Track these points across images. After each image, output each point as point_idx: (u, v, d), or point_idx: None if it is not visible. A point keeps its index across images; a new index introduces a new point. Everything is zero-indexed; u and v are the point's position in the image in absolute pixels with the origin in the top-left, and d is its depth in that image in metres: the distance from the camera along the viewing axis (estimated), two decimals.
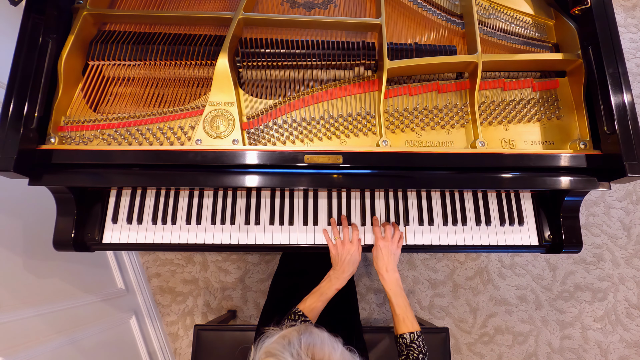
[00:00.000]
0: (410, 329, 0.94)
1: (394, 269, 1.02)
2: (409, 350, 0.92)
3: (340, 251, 1.03)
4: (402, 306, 0.97)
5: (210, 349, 1.23)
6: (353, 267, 1.03)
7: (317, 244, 1.09)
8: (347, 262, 1.02)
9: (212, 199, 1.11)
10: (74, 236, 1.04)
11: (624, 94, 0.95)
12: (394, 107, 1.09)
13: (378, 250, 1.03)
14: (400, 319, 0.95)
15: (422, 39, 1.15)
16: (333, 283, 1.00)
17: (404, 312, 0.96)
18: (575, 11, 1.08)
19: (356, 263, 1.04)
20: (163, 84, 1.09)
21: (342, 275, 1.01)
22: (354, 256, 1.03)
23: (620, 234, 1.90)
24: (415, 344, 0.92)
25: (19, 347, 1.07)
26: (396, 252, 1.04)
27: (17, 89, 0.91)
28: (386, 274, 1.00)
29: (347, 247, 1.03)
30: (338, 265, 1.02)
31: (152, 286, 1.86)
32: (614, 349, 1.83)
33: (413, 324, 0.95)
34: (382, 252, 1.02)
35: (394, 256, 1.03)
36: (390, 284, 1.00)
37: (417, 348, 0.91)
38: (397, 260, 1.03)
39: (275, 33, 1.12)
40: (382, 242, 1.03)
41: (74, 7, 1.06)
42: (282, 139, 1.04)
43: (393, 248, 1.03)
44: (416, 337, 0.93)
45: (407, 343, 0.92)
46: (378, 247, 1.03)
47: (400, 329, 0.95)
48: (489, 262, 1.90)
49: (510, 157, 1.00)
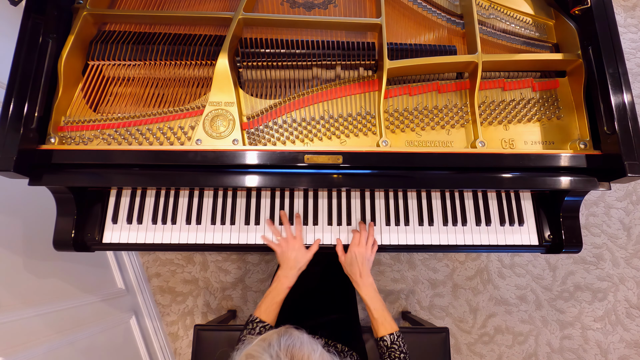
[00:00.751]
0: (389, 330, 0.95)
1: (367, 274, 1.01)
2: (390, 351, 0.92)
3: (285, 249, 1.03)
4: (379, 309, 0.97)
5: (210, 349, 1.23)
6: (300, 263, 1.02)
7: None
8: (294, 258, 1.01)
9: (212, 199, 1.11)
10: (74, 236, 1.04)
11: (624, 94, 0.95)
12: (394, 107, 1.09)
13: (352, 256, 1.02)
14: (379, 322, 0.96)
15: (422, 39, 1.15)
16: (283, 282, 1.00)
17: (381, 314, 0.97)
18: (575, 11, 1.08)
19: (302, 258, 1.02)
20: (163, 84, 1.09)
21: (291, 272, 1.01)
22: (299, 252, 1.02)
23: (620, 234, 1.90)
24: (395, 344, 0.93)
25: (19, 347, 1.07)
26: (370, 258, 1.03)
27: (17, 89, 0.91)
28: (360, 279, 1.00)
29: (291, 243, 1.03)
30: (285, 262, 1.02)
31: (152, 286, 1.86)
32: (614, 349, 1.83)
33: (392, 325, 0.96)
34: (357, 259, 1.01)
35: (368, 262, 1.02)
36: (365, 289, 1.00)
37: (398, 348, 0.92)
38: (370, 265, 1.03)
39: (275, 33, 1.12)
40: (357, 248, 1.02)
41: (74, 7, 1.06)
42: (282, 139, 1.04)
43: (367, 254, 1.03)
44: (396, 338, 0.94)
45: (387, 345, 0.93)
46: (352, 252, 1.02)
47: (380, 331, 0.95)
48: (489, 262, 1.90)
49: (510, 157, 1.00)
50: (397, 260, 1.89)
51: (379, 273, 1.87)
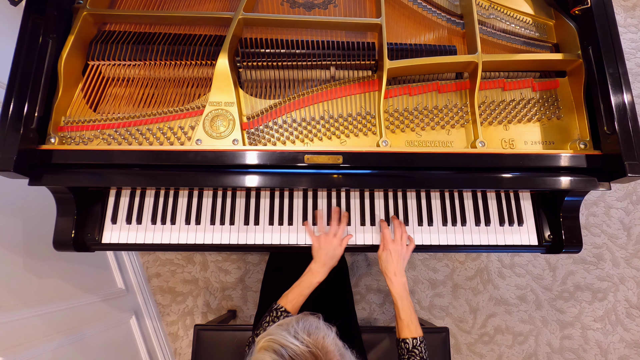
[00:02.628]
0: (414, 334, 0.93)
1: (402, 272, 1.00)
2: (410, 355, 0.91)
3: (324, 244, 1.03)
4: (408, 311, 0.96)
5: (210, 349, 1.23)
6: (334, 261, 1.02)
7: None
8: (330, 256, 1.01)
9: (211, 199, 1.11)
10: (74, 236, 1.04)
11: (624, 94, 0.95)
12: (394, 107, 1.09)
13: (388, 253, 1.01)
14: (405, 323, 0.95)
15: (422, 39, 1.15)
16: (314, 276, 1.00)
17: (408, 316, 0.96)
18: (575, 11, 1.08)
19: (338, 257, 1.03)
20: (163, 84, 1.09)
21: (323, 269, 1.01)
22: (337, 250, 1.02)
23: (620, 234, 1.90)
24: (417, 349, 0.92)
25: (19, 347, 1.07)
26: (406, 256, 1.03)
27: (17, 89, 0.91)
28: (394, 277, 0.99)
29: (331, 239, 1.03)
30: (320, 257, 1.02)
31: (152, 286, 1.86)
32: (614, 349, 1.83)
33: (417, 329, 0.94)
34: (392, 256, 1.00)
35: (404, 260, 1.02)
36: (397, 288, 0.99)
37: (418, 354, 0.91)
38: (405, 263, 1.02)
39: (275, 33, 1.12)
40: (393, 245, 1.02)
41: (74, 7, 1.06)
42: (282, 139, 1.04)
43: (403, 251, 1.02)
44: (419, 343, 0.92)
45: (409, 348, 0.92)
46: (388, 250, 1.01)
47: (404, 333, 0.94)
48: (489, 262, 1.90)
49: (510, 157, 1.00)
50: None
51: (379, 273, 1.87)
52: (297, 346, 0.64)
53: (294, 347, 0.64)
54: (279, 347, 0.64)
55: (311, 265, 1.02)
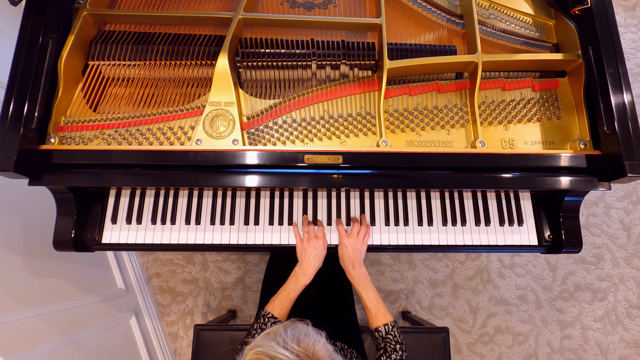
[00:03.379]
0: (384, 320, 0.95)
1: (360, 264, 1.02)
2: (385, 342, 0.92)
3: (306, 246, 1.03)
4: (373, 299, 0.98)
5: (210, 349, 1.23)
6: (318, 262, 1.03)
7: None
8: (313, 257, 1.02)
9: (211, 199, 1.11)
10: (74, 236, 1.04)
11: (624, 94, 0.95)
12: (394, 107, 1.09)
13: (343, 247, 1.03)
14: (373, 312, 0.96)
15: (422, 39, 1.15)
16: (300, 279, 1.00)
17: (375, 305, 0.97)
18: (575, 11, 1.08)
19: (321, 258, 1.04)
20: (163, 84, 1.09)
21: (308, 271, 1.01)
22: (320, 251, 1.03)
23: (620, 234, 1.90)
24: (390, 334, 0.93)
25: (19, 347, 1.07)
26: (361, 249, 1.04)
27: (17, 89, 0.91)
28: (353, 270, 1.01)
29: (313, 242, 1.03)
30: (304, 260, 1.02)
31: (152, 286, 1.86)
32: (614, 349, 1.83)
33: (386, 316, 0.96)
34: (347, 250, 1.02)
35: (360, 252, 1.03)
36: (358, 279, 1.00)
37: (393, 338, 0.92)
38: (362, 256, 1.04)
39: (275, 33, 1.12)
40: (347, 239, 1.03)
41: (74, 7, 1.06)
42: (282, 139, 1.04)
43: (358, 245, 1.03)
44: (391, 328, 0.94)
45: (383, 336, 0.93)
46: (343, 244, 1.03)
47: (374, 322, 0.95)
48: (489, 262, 1.90)
49: (510, 157, 1.00)
50: (397, 260, 1.89)
51: (378, 273, 1.87)
52: (287, 356, 0.63)
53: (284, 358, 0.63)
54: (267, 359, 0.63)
55: (296, 268, 1.03)
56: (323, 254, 1.04)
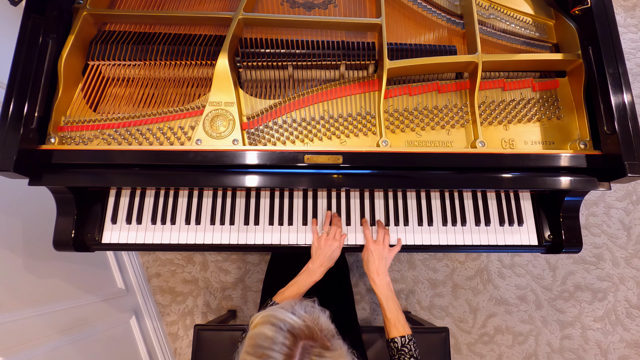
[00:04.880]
0: (402, 332, 0.94)
1: (384, 272, 1.01)
2: (400, 354, 0.92)
3: (323, 245, 1.03)
4: (394, 310, 0.97)
5: (210, 349, 1.23)
6: (331, 262, 1.03)
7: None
8: (328, 256, 1.02)
9: (211, 199, 1.11)
10: (74, 236, 1.04)
11: (624, 94, 0.95)
12: (394, 107, 1.09)
13: (369, 253, 1.02)
14: (392, 323, 0.95)
15: (422, 39, 1.15)
16: (311, 276, 1.01)
17: (395, 315, 0.96)
18: (575, 11, 1.08)
19: (334, 260, 1.04)
20: (163, 84, 1.09)
21: (320, 269, 1.01)
22: (335, 252, 1.03)
23: (620, 234, 1.90)
24: (406, 347, 0.92)
25: (19, 347, 1.07)
26: (388, 256, 1.03)
27: (17, 89, 0.91)
28: (377, 277, 1.00)
29: (330, 242, 1.03)
30: (318, 257, 1.02)
31: (152, 286, 1.86)
32: (614, 349, 1.83)
33: (405, 328, 0.95)
34: (374, 256, 1.01)
35: (386, 260, 1.02)
36: (381, 288, 0.99)
37: (407, 352, 0.91)
38: (388, 264, 1.03)
39: (275, 33, 1.12)
40: (374, 245, 1.02)
41: (74, 7, 1.06)
42: (282, 139, 1.04)
43: (385, 252, 1.02)
44: (407, 341, 0.93)
45: (398, 347, 0.93)
46: (369, 250, 1.02)
47: (392, 332, 0.95)
48: (489, 262, 1.90)
49: (510, 157, 1.00)
50: (397, 260, 1.89)
51: None
52: (295, 320, 0.66)
53: (291, 321, 0.65)
54: (276, 321, 0.65)
55: (309, 264, 1.03)
56: (337, 255, 1.04)
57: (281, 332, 0.64)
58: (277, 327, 0.64)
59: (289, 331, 0.64)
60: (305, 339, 0.64)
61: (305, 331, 0.65)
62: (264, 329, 0.65)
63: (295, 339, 0.64)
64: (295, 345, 0.63)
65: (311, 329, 0.66)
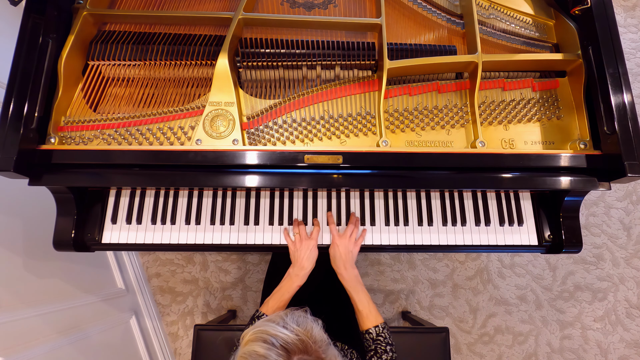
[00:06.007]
0: (374, 322, 0.95)
1: (352, 265, 1.01)
2: (376, 344, 0.92)
3: (299, 247, 1.03)
4: (364, 301, 0.97)
5: (210, 349, 1.23)
6: (312, 263, 1.02)
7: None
8: (306, 258, 1.01)
9: (211, 199, 1.11)
10: (74, 236, 1.04)
11: (624, 94, 0.95)
12: (394, 107, 1.09)
13: (335, 247, 1.02)
14: (364, 314, 0.96)
15: (422, 39, 1.15)
16: (294, 281, 1.00)
17: (366, 307, 0.96)
18: (575, 11, 1.08)
19: (314, 259, 1.03)
20: (163, 84, 1.09)
21: (302, 272, 1.01)
22: (313, 252, 1.03)
23: (620, 234, 1.90)
24: (381, 336, 0.93)
25: (19, 347, 1.07)
26: (354, 250, 1.03)
27: (17, 89, 0.91)
28: (344, 271, 1.00)
29: (306, 242, 1.03)
30: (298, 261, 1.02)
31: (152, 286, 1.86)
32: (614, 349, 1.83)
33: (377, 318, 0.95)
34: (340, 250, 1.01)
35: (352, 254, 1.03)
36: (349, 281, 1.00)
37: (383, 340, 0.92)
38: (354, 257, 1.03)
39: (275, 33, 1.12)
40: (339, 239, 1.03)
41: (74, 7, 1.06)
42: (282, 139, 1.04)
43: (350, 246, 1.03)
44: (381, 330, 0.93)
45: (373, 337, 0.93)
46: (335, 244, 1.03)
47: (365, 324, 0.95)
48: (489, 262, 1.90)
49: (510, 157, 1.00)
50: (397, 260, 1.89)
51: (379, 273, 1.87)
52: (287, 334, 0.65)
53: (284, 336, 0.64)
54: (268, 337, 0.64)
55: (289, 269, 1.03)
56: (316, 254, 1.03)
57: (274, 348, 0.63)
58: (270, 343, 0.63)
59: (282, 347, 0.63)
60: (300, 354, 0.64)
61: (299, 345, 0.64)
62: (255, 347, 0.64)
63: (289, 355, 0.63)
64: None
65: (305, 342, 0.65)
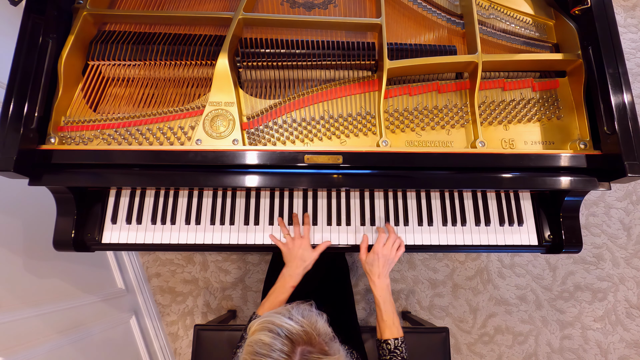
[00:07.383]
0: (396, 335, 0.95)
1: (386, 275, 1.01)
2: (392, 355, 0.93)
3: (291, 247, 1.03)
4: (390, 312, 0.98)
5: (210, 349, 1.23)
6: (306, 263, 1.02)
7: (316, 244, 1.09)
8: (300, 257, 1.01)
9: (211, 199, 1.11)
10: (74, 236, 1.04)
11: (624, 94, 0.95)
12: (394, 107, 1.09)
13: (375, 256, 1.01)
14: (387, 324, 0.96)
15: (422, 39, 1.15)
16: (287, 281, 1.00)
17: (391, 318, 0.97)
18: (575, 11, 1.08)
19: (309, 258, 1.02)
20: (163, 84, 1.09)
21: (296, 271, 1.00)
22: (307, 251, 1.02)
23: (620, 234, 1.90)
24: (398, 349, 0.94)
25: (19, 347, 1.07)
26: (393, 260, 1.02)
27: (17, 89, 0.91)
28: (378, 279, 1.00)
29: (298, 242, 1.03)
30: (291, 261, 1.02)
31: (152, 286, 1.86)
32: (614, 349, 1.83)
33: (399, 330, 0.96)
34: (380, 260, 1.00)
35: (390, 264, 1.02)
36: (380, 290, 0.99)
37: (399, 354, 0.93)
38: (391, 267, 1.03)
39: (275, 33, 1.12)
40: (382, 249, 1.01)
41: (74, 7, 1.06)
42: (282, 139, 1.04)
43: (391, 256, 1.02)
44: (400, 343, 0.94)
45: (391, 349, 0.94)
46: (376, 253, 1.01)
47: (386, 334, 0.96)
48: (489, 262, 1.90)
49: (510, 157, 1.00)
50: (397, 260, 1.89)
51: None
52: (292, 325, 0.66)
53: (289, 327, 0.66)
54: (274, 327, 0.66)
55: (283, 270, 1.02)
56: (310, 252, 1.03)
57: (279, 338, 0.64)
58: (275, 333, 0.65)
59: (287, 337, 0.65)
60: (303, 345, 0.65)
61: (303, 336, 0.65)
62: (261, 336, 0.65)
63: (294, 345, 0.64)
64: (294, 351, 0.63)
65: (309, 334, 0.66)
